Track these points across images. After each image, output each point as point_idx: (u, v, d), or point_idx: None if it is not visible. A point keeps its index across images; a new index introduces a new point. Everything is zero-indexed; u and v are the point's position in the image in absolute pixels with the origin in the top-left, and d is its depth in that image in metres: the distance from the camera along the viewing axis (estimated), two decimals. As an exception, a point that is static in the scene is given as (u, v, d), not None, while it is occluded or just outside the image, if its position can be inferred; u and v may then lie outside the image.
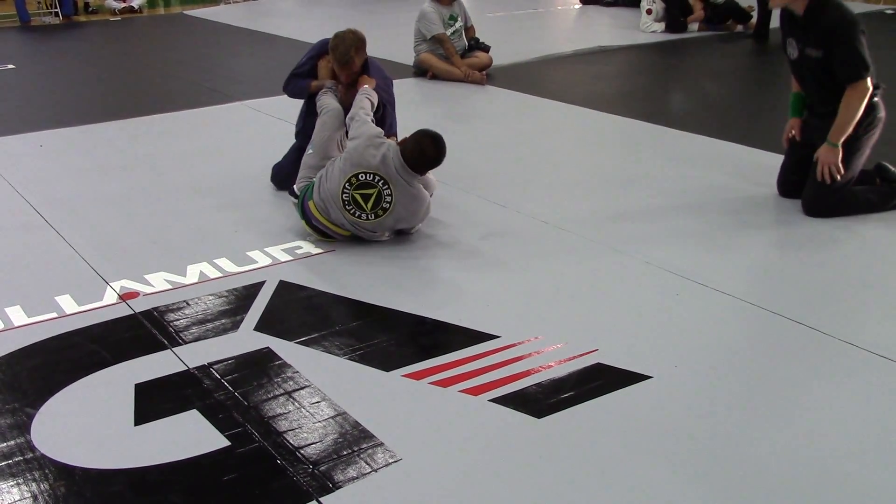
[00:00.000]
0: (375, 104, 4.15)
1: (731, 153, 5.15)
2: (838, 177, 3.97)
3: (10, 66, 8.66)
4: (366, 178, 3.67)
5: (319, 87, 4.35)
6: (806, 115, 4.26)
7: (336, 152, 4.00)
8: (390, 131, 4.32)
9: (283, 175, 4.44)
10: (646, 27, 9.65)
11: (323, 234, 3.82)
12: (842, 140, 3.95)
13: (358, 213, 3.70)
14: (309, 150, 4.09)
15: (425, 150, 3.73)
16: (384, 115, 4.33)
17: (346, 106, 4.17)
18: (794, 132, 4.27)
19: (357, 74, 4.30)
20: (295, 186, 4.04)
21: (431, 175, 3.98)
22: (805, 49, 4.00)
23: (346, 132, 4.05)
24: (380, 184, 3.67)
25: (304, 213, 3.84)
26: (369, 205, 3.69)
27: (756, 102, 6.72)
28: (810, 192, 4.06)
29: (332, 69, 4.31)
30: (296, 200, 3.96)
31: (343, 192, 3.67)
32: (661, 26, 9.64)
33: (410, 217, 3.79)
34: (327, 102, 4.18)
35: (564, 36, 10.18)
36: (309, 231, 3.86)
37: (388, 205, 3.69)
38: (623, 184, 4.65)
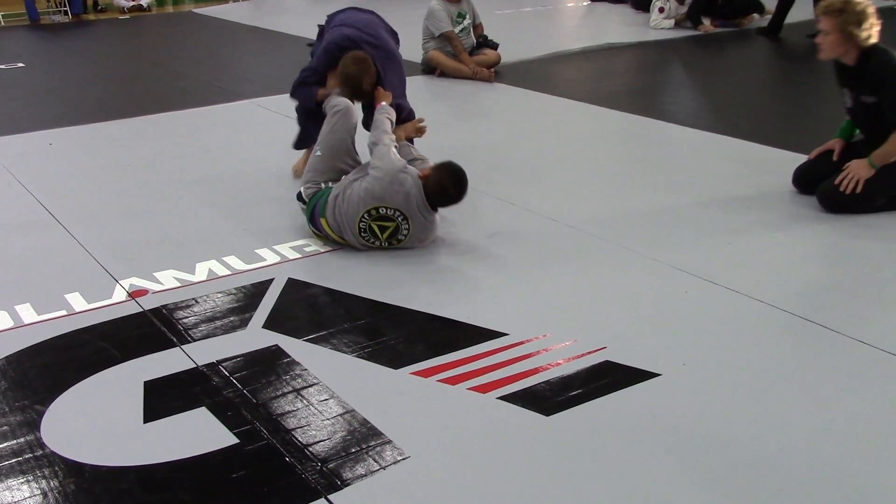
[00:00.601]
0: (394, 120, 4.08)
1: (742, 150, 5.13)
2: (857, 190, 3.95)
3: (20, 65, 8.69)
4: (386, 213, 3.63)
5: (327, 95, 4.27)
6: (855, 142, 4.25)
7: (346, 159, 3.93)
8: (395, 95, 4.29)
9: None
10: (655, 24, 9.63)
11: (320, 234, 3.82)
12: (881, 164, 3.95)
13: (372, 240, 3.70)
14: (317, 152, 3.98)
15: (448, 191, 3.69)
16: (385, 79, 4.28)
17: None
18: (834, 150, 4.25)
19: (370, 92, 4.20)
20: (302, 190, 3.92)
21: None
22: (859, 97, 4.07)
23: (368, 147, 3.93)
24: (399, 219, 3.65)
25: (314, 225, 3.80)
26: (385, 235, 3.69)
27: (767, 99, 6.70)
28: (829, 185, 4.04)
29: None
30: (303, 206, 3.89)
31: (360, 221, 3.65)
32: (670, 23, 9.62)
33: (418, 243, 3.77)
34: (337, 101, 4.04)
35: (573, 33, 10.17)
36: (314, 234, 3.86)
37: (403, 237, 3.70)
38: (632, 181, 4.64)
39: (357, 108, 4.16)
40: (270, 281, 3.49)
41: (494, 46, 7.65)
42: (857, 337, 2.94)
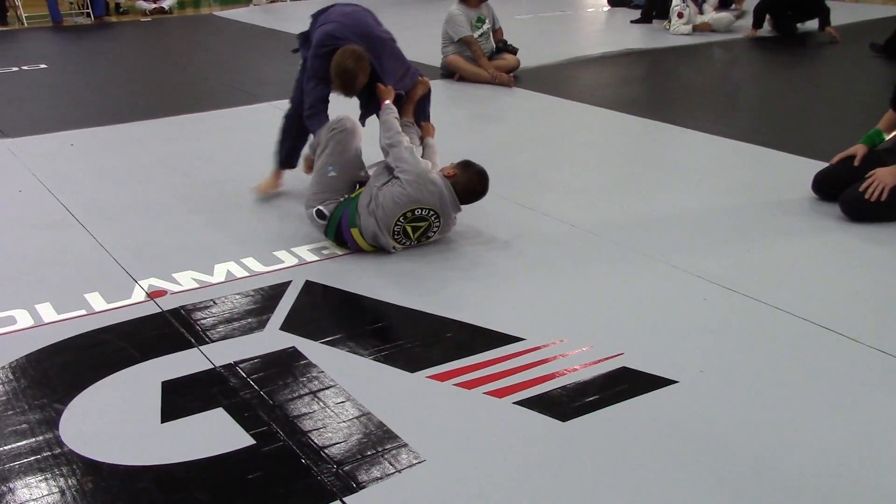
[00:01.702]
0: (398, 117, 4.02)
1: (761, 157, 5.11)
2: (882, 198, 3.91)
3: (43, 66, 8.76)
4: (422, 213, 3.68)
5: None
6: (878, 149, 4.22)
7: (360, 172, 3.89)
8: (404, 78, 4.23)
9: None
10: (675, 30, 9.60)
11: (344, 245, 3.81)
12: None
13: (404, 240, 3.73)
14: (331, 173, 3.81)
15: (475, 188, 3.86)
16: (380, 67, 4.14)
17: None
18: (857, 156, 4.21)
19: (368, 86, 4.08)
20: (322, 208, 3.80)
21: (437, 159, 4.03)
22: None
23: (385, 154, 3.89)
24: (432, 217, 3.71)
25: (339, 235, 3.77)
26: (416, 235, 3.73)
27: (788, 106, 6.65)
28: (853, 193, 4.01)
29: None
30: (323, 223, 3.81)
31: (396, 224, 3.67)
32: (689, 28, 9.59)
33: (439, 236, 3.87)
34: (341, 120, 3.91)
35: (592, 38, 10.15)
36: (330, 243, 3.86)
37: (433, 234, 3.78)
38: (650, 187, 4.63)
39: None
40: (288, 283, 3.51)
41: (514, 51, 7.65)
42: (879, 347, 2.91)
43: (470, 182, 3.82)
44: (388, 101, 4.06)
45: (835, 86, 7.25)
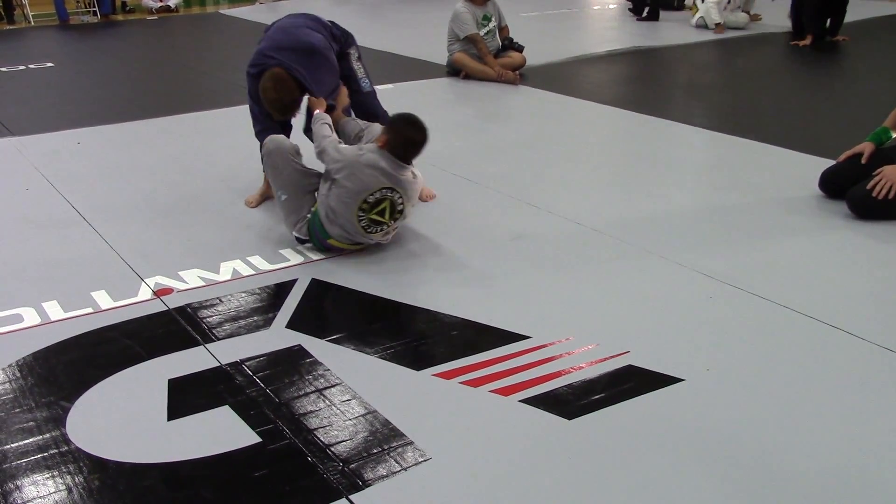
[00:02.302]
0: (332, 125, 3.96)
1: (768, 155, 5.10)
2: (890, 196, 3.90)
3: (49, 64, 8.79)
4: (374, 198, 3.60)
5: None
6: (885, 147, 4.21)
7: (309, 181, 3.81)
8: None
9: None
10: (709, 15, 9.59)
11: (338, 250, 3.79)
12: None
13: (379, 229, 3.67)
14: (282, 197, 3.82)
15: (412, 138, 3.70)
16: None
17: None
18: (864, 153, 4.19)
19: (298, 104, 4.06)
20: (296, 234, 3.80)
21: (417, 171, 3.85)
22: None
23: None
24: (388, 193, 3.62)
25: (325, 248, 3.76)
26: (386, 216, 3.66)
27: (794, 104, 6.64)
28: (860, 190, 4.00)
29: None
30: (308, 243, 3.81)
31: (360, 221, 3.63)
32: (717, 16, 9.54)
33: (411, 204, 3.77)
34: (264, 144, 3.91)
35: (599, 36, 10.13)
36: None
37: (401, 207, 3.68)
38: (656, 185, 4.62)
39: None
40: (294, 281, 3.51)
41: (520, 49, 7.65)
42: (887, 345, 2.90)
43: (401, 137, 3.67)
44: (317, 111, 4.01)
45: (842, 83, 7.23)
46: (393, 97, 6.69)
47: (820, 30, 8.98)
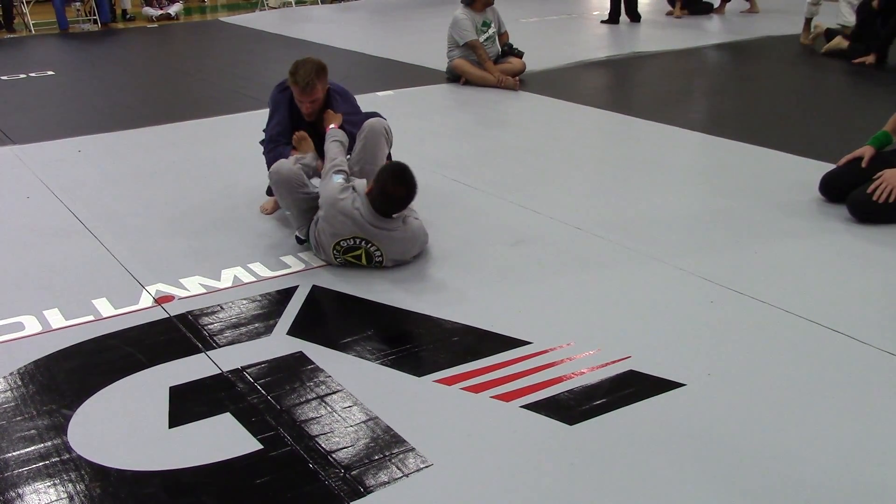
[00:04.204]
0: (346, 143, 3.96)
1: (768, 159, 5.10)
2: (890, 199, 3.90)
3: (50, 73, 8.80)
4: (347, 244, 3.57)
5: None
6: (885, 151, 4.21)
7: (306, 203, 3.75)
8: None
9: None
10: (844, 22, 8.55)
11: None
12: None
13: (355, 263, 3.63)
14: (287, 212, 3.90)
15: (389, 193, 3.49)
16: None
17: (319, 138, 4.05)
18: (864, 157, 4.19)
19: (321, 106, 4.10)
20: (298, 234, 3.85)
21: (415, 220, 3.74)
22: None
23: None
24: (362, 244, 3.55)
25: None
26: (363, 261, 3.61)
27: (795, 108, 6.64)
28: (861, 194, 3.99)
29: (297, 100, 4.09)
30: (306, 242, 3.83)
31: (336, 258, 3.63)
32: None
33: (411, 253, 3.68)
34: (270, 173, 3.90)
35: (598, 41, 10.14)
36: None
37: (379, 258, 3.59)
38: (657, 190, 4.62)
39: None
40: (295, 288, 3.51)
41: (519, 55, 7.65)
42: (888, 349, 2.90)
43: (382, 188, 3.48)
44: (332, 126, 4.01)
45: (841, 87, 7.24)
46: (393, 103, 6.72)
47: (885, 49, 7.88)
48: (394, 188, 3.50)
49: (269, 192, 4.31)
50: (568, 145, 5.64)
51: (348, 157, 3.96)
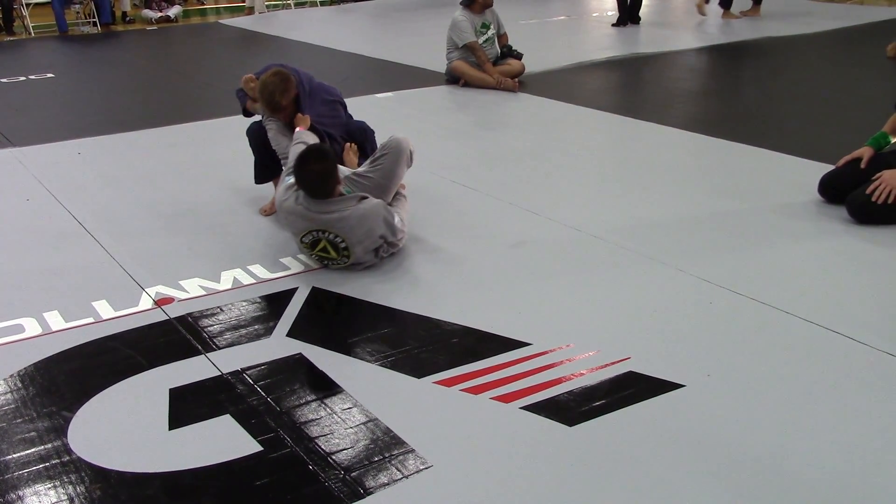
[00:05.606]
0: (310, 143, 3.91)
1: (767, 160, 5.10)
2: (889, 200, 3.90)
3: (50, 75, 8.80)
4: (309, 239, 3.57)
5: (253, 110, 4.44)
6: (884, 152, 4.21)
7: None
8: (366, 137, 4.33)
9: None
10: None
11: None
12: None
13: (332, 262, 3.62)
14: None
15: (306, 177, 3.50)
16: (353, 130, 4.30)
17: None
18: (863, 158, 4.19)
19: (293, 112, 4.13)
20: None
21: (405, 206, 3.80)
22: None
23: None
24: (320, 235, 3.54)
25: None
26: (332, 253, 3.58)
27: (793, 109, 6.64)
28: (860, 195, 3.99)
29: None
30: None
31: (313, 258, 3.66)
32: None
33: (375, 233, 3.57)
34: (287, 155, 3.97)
35: (598, 43, 10.15)
36: None
37: (343, 244, 3.53)
38: (656, 191, 4.62)
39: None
40: (294, 290, 3.51)
41: (519, 56, 7.66)
42: (887, 350, 2.90)
43: (300, 176, 3.51)
44: (298, 129, 4.04)
45: (840, 88, 7.24)
46: (393, 105, 6.73)
47: None
48: (300, 168, 3.52)
49: (246, 113, 4.57)
50: (567, 147, 5.64)
51: (361, 161, 4.01)
